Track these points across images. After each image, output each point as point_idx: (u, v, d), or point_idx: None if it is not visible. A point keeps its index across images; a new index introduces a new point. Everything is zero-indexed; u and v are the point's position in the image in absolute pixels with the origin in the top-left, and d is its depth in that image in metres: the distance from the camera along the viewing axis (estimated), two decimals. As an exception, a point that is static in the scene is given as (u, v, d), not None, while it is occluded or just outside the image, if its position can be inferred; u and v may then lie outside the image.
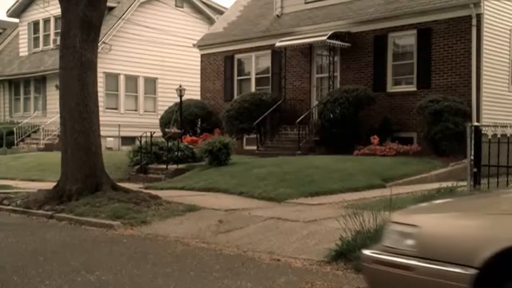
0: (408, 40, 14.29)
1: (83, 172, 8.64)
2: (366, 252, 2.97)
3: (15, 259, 5.25)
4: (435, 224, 2.68)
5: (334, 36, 14.79)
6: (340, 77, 15.44)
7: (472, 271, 2.34)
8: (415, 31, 13.97)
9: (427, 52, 13.75)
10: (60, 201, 8.43)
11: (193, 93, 19.47)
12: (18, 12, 25.58)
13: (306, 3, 16.70)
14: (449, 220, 2.74)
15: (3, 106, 25.80)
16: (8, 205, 8.90)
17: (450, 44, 13.43)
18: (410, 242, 2.60)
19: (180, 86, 17.40)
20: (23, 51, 25.49)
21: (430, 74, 13.76)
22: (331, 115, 13.89)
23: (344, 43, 14.96)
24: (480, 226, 2.56)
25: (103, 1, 9.19)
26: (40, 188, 9.79)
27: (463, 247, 2.44)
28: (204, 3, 25.17)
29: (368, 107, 14.00)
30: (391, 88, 14.51)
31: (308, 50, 16.05)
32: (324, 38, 14.55)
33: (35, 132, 22.51)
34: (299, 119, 14.41)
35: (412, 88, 14.11)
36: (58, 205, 8.32)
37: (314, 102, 15.84)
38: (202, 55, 19.13)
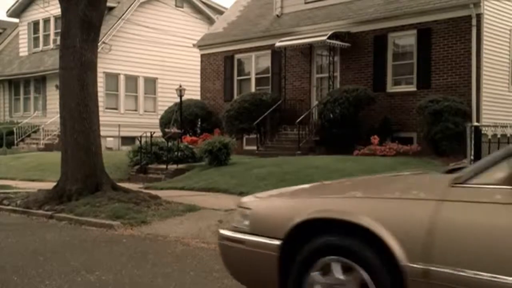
0: (408, 40, 14.29)
1: (83, 172, 8.64)
2: (220, 231, 3.52)
3: (15, 259, 5.24)
4: (263, 206, 3.31)
5: (334, 36, 14.79)
6: (340, 77, 15.44)
7: (278, 242, 2.98)
8: (415, 31, 13.97)
9: (427, 52, 13.75)
10: (60, 201, 8.43)
11: (193, 93, 19.48)
12: (18, 12, 25.58)
13: (306, 3, 16.70)
14: (275, 202, 3.36)
15: (3, 106, 25.80)
16: (8, 205, 8.90)
17: (450, 44, 13.43)
18: (246, 222, 3.22)
19: (180, 86, 17.40)
20: (23, 51, 25.49)
21: (430, 74, 13.76)
22: (331, 115, 13.89)
23: (344, 43, 14.96)
24: (293, 206, 3.13)
25: (103, 1, 9.19)
26: (40, 188, 9.79)
27: (274, 222, 3.08)
28: (204, 3, 25.17)
29: (368, 107, 14.00)
30: (391, 88, 14.51)
31: (308, 50, 16.05)
32: (324, 38, 14.55)
33: (35, 132, 22.51)
34: (299, 119, 14.41)
35: (412, 88, 14.10)
36: (58, 205, 8.32)
37: (314, 102, 15.84)
38: (202, 55, 19.13)
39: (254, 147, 15.97)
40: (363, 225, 2.64)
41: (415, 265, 2.47)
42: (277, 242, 2.98)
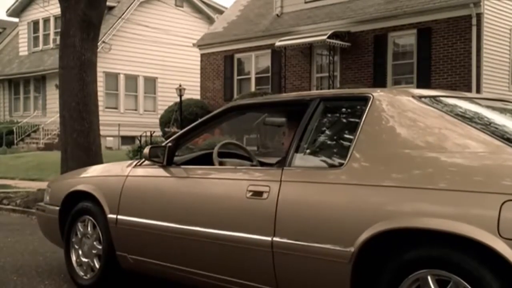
0: (408, 39, 14.29)
1: (83, 171, 8.61)
2: (37, 203, 5.13)
3: (15, 259, 5.24)
4: (54, 185, 4.74)
5: (334, 35, 14.78)
6: (340, 77, 15.44)
7: (58, 207, 4.44)
8: (415, 31, 13.97)
9: (427, 51, 13.75)
10: (59, 200, 8.41)
11: (193, 92, 19.47)
12: (17, 11, 25.58)
13: (306, 2, 16.70)
14: (60, 182, 4.83)
15: (2, 105, 25.80)
16: (8, 204, 8.89)
17: (450, 44, 13.43)
18: (47, 196, 4.63)
19: (180, 85, 17.40)
20: (23, 50, 25.49)
21: (430, 74, 13.76)
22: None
23: (344, 43, 14.96)
24: (66, 183, 4.52)
25: (103, 0, 9.17)
26: (40, 188, 9.77)
27: (56, 195, 4.52)
28: (204, 3, 25.18)
29: (368, 106, 13.97)
30: (391, 88, 14.50)
31: (308, 50, 16.04)
32: (324, 37, 14.55)
33: (35, 131, 22.51)
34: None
35: (412, 87, 14.10)
36: (58, 204, 8.30)
37: (314, 102, 15.81)
38: (202, 55, 19.12)
39: (255, 148, 15.94)
40: (87, 191, 4.11)
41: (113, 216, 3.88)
42: (57, 208, 4.38)
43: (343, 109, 3.14)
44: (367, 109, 2.85)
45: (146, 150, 3.69)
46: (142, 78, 23.32)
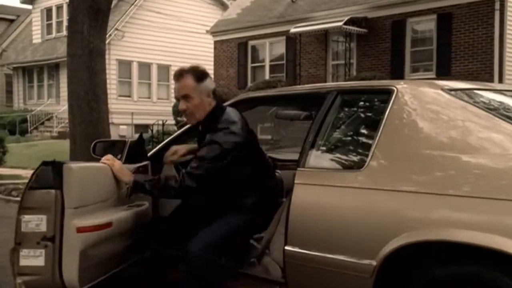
0: (428, 25, 13.83)
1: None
2: None
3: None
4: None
5: (351, 21, 14.36)
6: (357, 64, 15.04)
7: None
8: (434, 16, 13.50)
9: (447, 37, 13.28)
10: (68, 192, 8.22)
11: (206, 80, 19.13)
12: (31, -2, 25.44)
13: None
14: None
15: (17, 93, 25.76)
16: (17, 196, 8.73)
17: (471, 30, 12.95)
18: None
19: (193, 73, 17.11)
20: (36, 38, 25.36)
21: (450, 61, 13.30)
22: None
23: (360, 29, 14.54)
24: None
25: (111, -14, 8.89)
26: (49, 179, 9.60)
27: None
28: (218, -12, 24.78)
29: (385, 95, 13.58)
30: (409, 75, 14.08)
31: (323, 37, 15.64)
32: (340, 24, 14.14)
33: (48, 120, 22.43)
34: (314, 107, 14.08)
35: (431, 75, 13.65)
36: (66, 196, 8.11)
37: (330, 90, 15.45)
38: (215, 42, 18.80)
39: (269, 137, 15.65)
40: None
41: None
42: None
43: (363, 103, 2.83)
44: (390, 103, 2.55)
45: None
46: (156, 66, 23.07)
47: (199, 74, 2.85)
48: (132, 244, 3.04)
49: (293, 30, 15.26)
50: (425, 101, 2.51)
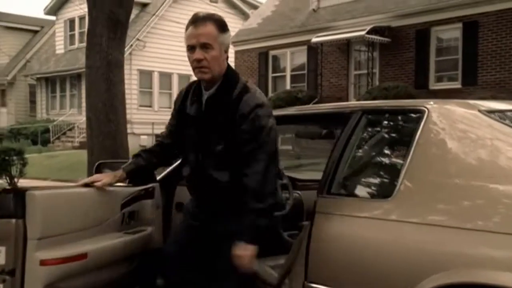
0: (453, 34, 13.49)
1: (109, 176, 8.28)
2: None
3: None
4: None
5: (373, 30, 14.11)
6: (380, 74, 14.75)
7: None
8: (460, 25, 13.16)
9: (473, 46, 12.93)
10: (85, 206, 8.10)
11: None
12: (54, 9, 25.69)
13: (344, -4, 16.03)
14: None
15: (40, 103, 26.00)
16: (34, 209, 8.63)
17: (498, 38, 12.59)
18: None
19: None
20: (59, 48, 25.59)
21: (476, 70, 12.94)
22: (370, 114, 13.24)
23: (383, 38, 14.26)
24: None
25: (131, -3, 8.80)
26: (68, 191, 9.52)
27: None
28: (239, -2, 24.75)
29: (409, 105, 13.26)
30: (433, 85, 13.75)
31: (345, 46, 15.40)
32: (363, 33, 13.89)
33: (70, 130, 22.54)
34: (336, 118, 13.85)
35: (457, 85, 13.31)
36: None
37: (352, 100, 15.18)
38: (236, 52, 18.68)
39: (290, 147, 15.43)
40: None
41: None
42: None
43: (391, 125, 2.61)
44: (421, 125, 2.32)
45: None
46: (176, 76, 23.06)
47: (222, 23, 2.46)
48: (129, 274, 2.82)
49: (314, 39, 15.05)
50: (459, 124, 2.27)
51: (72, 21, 24.96)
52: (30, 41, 29.01)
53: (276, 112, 3.31)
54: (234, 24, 22.99)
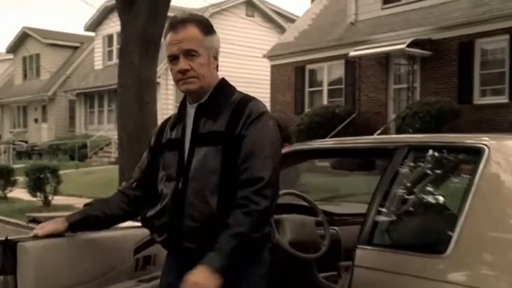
0: (499, 46, 12.88)
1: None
2: None
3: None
4: None
5: (414, 43, 13.62)
6: (420, 88, 14.22)
7: None
8: (507, 36, 12.54)
9: (521, 59, 12.30)
10: (116, 228, 7.93)
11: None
12: (94, 26, 26.08)
13: (382, 9, 15.58)
14: None
15: (79, 119, 26.36)
16: (66, 230, 8.52)
17: (548, 50, 11.93)
18: None
19: (249, 99, 16.78)
20: (98, 64, 25.92)
21: (524, 84, 12.30)
22: (410, 130, 12.73)
23: (424, 51, 13.75)
24: None
25: (163, 14, 8.65)
26: (100, 211, 9.38)
27: None
28: (276, 12, 24.54)
29: (452, 121, 12.69)
30: (478, 100, 13.14)
31: (384, 60, 14.94)
32: (403, 46, 13.42)
33: (107, 145, 22.69)
34: (375, 134, 13.39)
35: (503, 99, 12.67)
36: (114, 232, 7.82)
37: (392, 116, 14.69)
38: (272, 66, 18.45)
39: (327, 164, 15.02)
40: None
41: None
42: None
43: (443, 164, 2.24)
44: (481, 167, 1.95)
45: None
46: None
47: (206, 24, 2.05)
48: None
49: (352, 53, 14.66)
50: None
51: (110, 37, 25.26)
52: (70, 57, 29.54)
53: (312, 145, 2.99)
54: (270, 38, 22.78)
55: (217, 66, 2.08)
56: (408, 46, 13.44)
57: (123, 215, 2.24)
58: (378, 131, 13.52)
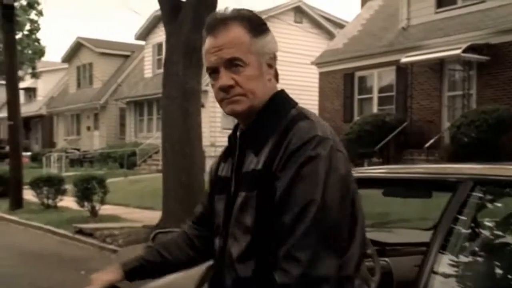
0: None
1: (183, 212, 7.93)
2: None
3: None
4: None
5: (470, 48, 12.98)
6: (477, 95, 13.53)
7: None
8: None
9: None
10: (159, 242, 7.79)
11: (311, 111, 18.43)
12: (144, 35, 26.46)
13: (436, 12, 14.95)
14: None
15: (129, 126, 26.75)
16: (111, 243, 8.47)
17: None
18: None
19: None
20: (148, 72, 26.25)
21: None
22: (466, 140, 12.09)
23: (481, 57, 13.08)
24: None
25: (208, 23, 8.50)
26: (145, 224, 9.31)
27: None
28: (324, 18, 24.17)
29: (511, 130, 11.99)
30: (541, 108, 12.36)
31: (438, 66, 14.32)
32: (458, 51, 12.81)
33: (156, 153, 22.85)
34: (427, 144, 12.83)
35: None
36: (158, 246, 7.69)
37: (446, 124, 14.04)
38: (320, 73, 18.09)
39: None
40: None
41: None
42: None
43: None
44: None
45: None
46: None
47: (255, 22, 1.54)
48: None
49: (404, 59, 14.13)
50: None
51: (160, 46, 25.52)
52: (122, 66, 30.11)
53: (360, 174, 2.67)
54: (319, 45, 22.41)
55: (275, 76, 1.59)
56: (464, 51, 12.82)
57: (187, 260, 1.81)
58: (431, 141, 12.93)
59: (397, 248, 3.24)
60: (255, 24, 1.53)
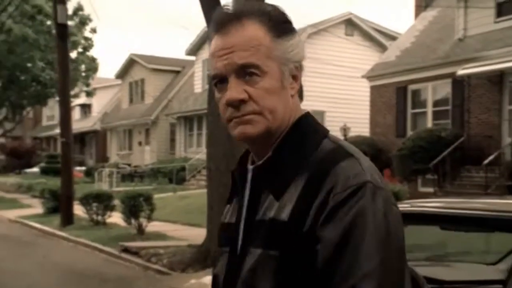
0: None
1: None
2: None
3: None
4: None
5: (533, 59, 12.25)
6: (541, 109, 12.74)
7: None
8: None
9: None
10: (204, 264, 7.58)
11: (363, 126, 18.02)
12: (194, 50, 26.67)
13: (496, 22, 14.23)
14: None
15: (179, 142, 26.93)
16: (156, 263, 8.33)
17: None
18: None
19: (345, 125, 16.11)
20: (198, 87, 26.40)
21: None
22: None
23: (545, 68, 12.32)
24: None
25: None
26: (191, 243, 9.13)
27: None
28: (376, 30, 23.63)
29: None
30: None
31: (497, 78, 13.60)
32: (519, 63, 12.11)
33: (205, 168, 22.85)
34: (487, 160, 12.13)
35: None
36: (202, 269, 7.47)
37: (506, 139, 13.28)
38: (371, 87, 17.60)
39: (431, 189, 13.89)
40: None
41: None
42: None
43: None
44: None
45: None
46: (310, 112, 22.41)
47: (278, 19, 1.18)
48: None
49: (460, 72, 13.50)
50: None
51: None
52: (172, 82, 30.46)
53: (413, 208, 2.33)
54: (371, 57, 21.87)
55: (300, 92, 1.22)
56: (525, 62, 12.11)
57: None
58: (491, 157, 12.22)
59: (457, 286, 2.87)
60: (278, 21, 1.17)
